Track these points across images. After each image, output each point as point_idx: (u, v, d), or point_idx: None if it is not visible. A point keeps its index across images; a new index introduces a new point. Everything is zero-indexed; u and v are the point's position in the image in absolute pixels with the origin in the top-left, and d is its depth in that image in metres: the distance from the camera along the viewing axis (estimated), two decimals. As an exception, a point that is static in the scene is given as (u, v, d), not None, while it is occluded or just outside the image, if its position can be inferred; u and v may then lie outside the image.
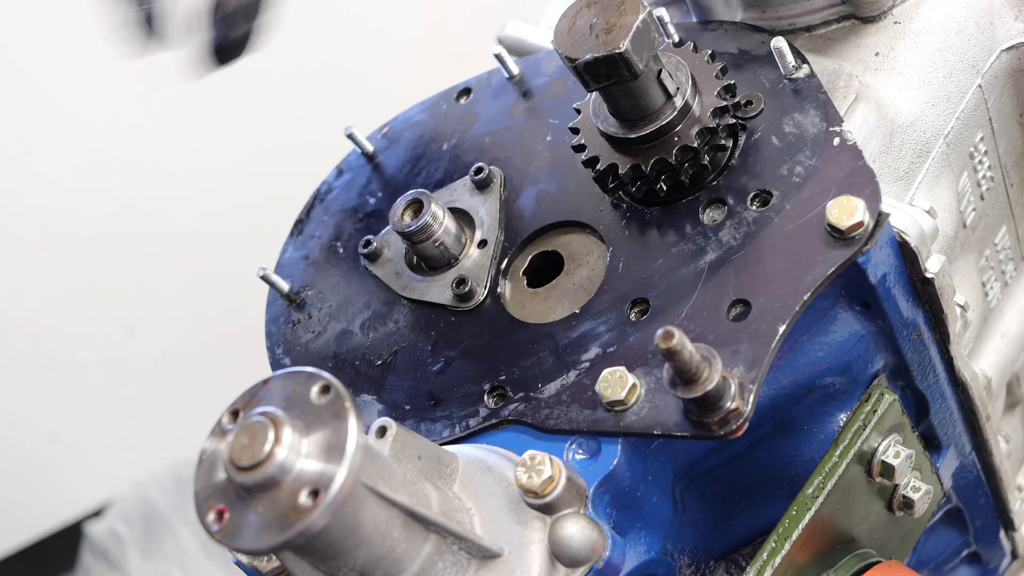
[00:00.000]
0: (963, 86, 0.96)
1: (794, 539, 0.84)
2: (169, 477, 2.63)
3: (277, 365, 1.00)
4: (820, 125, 0.86)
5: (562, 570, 0.75)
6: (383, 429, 0.74)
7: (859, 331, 0.88)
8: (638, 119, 0.87)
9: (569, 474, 0.75)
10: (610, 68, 0.82)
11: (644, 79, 0.84)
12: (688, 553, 0.90)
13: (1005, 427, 1.21)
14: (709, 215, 0.87)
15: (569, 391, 0.83)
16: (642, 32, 0.81)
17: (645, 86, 0.85)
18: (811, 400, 0.90)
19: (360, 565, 0.69)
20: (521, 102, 1.04)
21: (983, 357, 1.11)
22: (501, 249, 0.95)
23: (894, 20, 0.95)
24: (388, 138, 1.10)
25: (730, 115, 0.87)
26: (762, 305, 0.78)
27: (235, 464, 0.63)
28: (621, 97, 0.86)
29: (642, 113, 0.86)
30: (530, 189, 0.97)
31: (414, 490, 0.71)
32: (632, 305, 0.85)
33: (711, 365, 0.73)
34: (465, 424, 0.87)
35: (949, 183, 0.98)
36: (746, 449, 0.89)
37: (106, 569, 2.57)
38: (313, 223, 1.08)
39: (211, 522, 0.65)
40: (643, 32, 0.81)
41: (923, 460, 0.94)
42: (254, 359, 1.18)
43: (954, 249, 1.01)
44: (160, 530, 2.58)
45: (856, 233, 0.78)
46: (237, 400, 0.68)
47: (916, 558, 1.09)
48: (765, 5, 0.97)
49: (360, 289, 1.00)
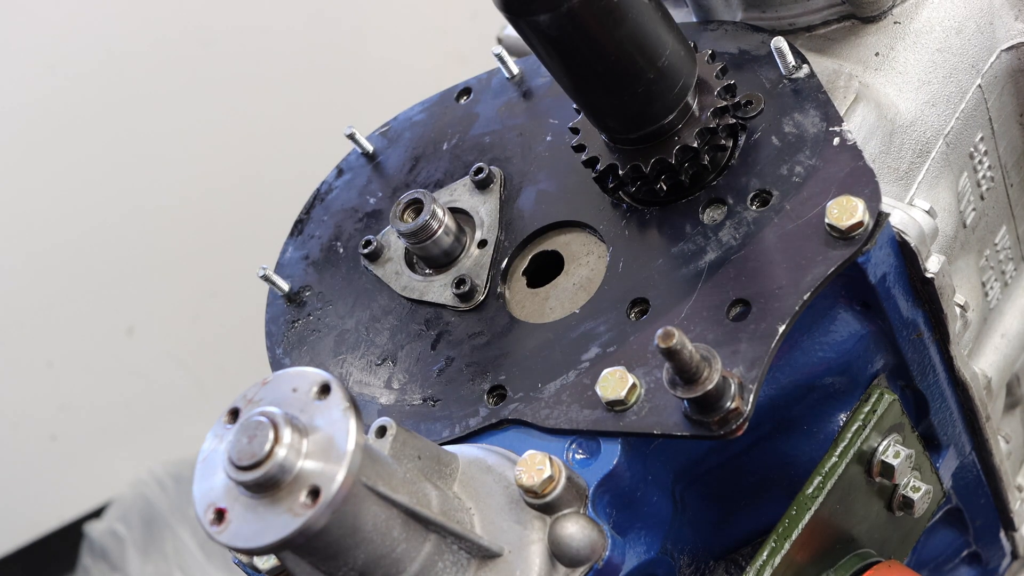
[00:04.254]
0: (963, 86, 0.96)
1: (794, 539, 0.84)
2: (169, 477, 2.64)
3: (277, 365, 1.00)
4: (820, 125, 0.86)
5: (562, 570, 0.75)
6: (383, 429, 0.74)
7: (859, 331, 0.88)
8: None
9: (569, 474, 0.75)
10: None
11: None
12: (688, 553, 0.90)
13: (1005, 427, 1.21)
14: (709, 215, 0.87)
15: (569, 391, 0.83)
16: None
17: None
18: (811, 400, 0.90)
19: (360, 565, 0.69)
20: (521, 102, 1.04)
21: (983, 357, 1.11)
22: (501, 249, 0.95)
23: (894, 20, 0.95)
24: (388, 138, 1.10)
25: (730, 115, 0.87)
26: (762, 305, 0.78)
27: (235, 464, 0.63)
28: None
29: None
30: (530, 189, 0.97)
31: (414, 490, 0.71)
32: (632, 305, 0.85)
33: (711, 365, 0.73)
34: (465, 424, 0.87)
35: (949, 183, 0.98)
36: (746, 449, 0.89)
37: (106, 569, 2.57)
38: (313, 223, 1.08)
39: (211, 522, 0.65)
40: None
41: (923, 460, 0.94)
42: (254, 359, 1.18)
43: (954, 249, 1.01)
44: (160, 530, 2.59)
45: (856, 233, 0.78)
46: (237, 400, 0.68)
47: (916, 558, 1.09)
48: (765, 5, 0.97)
49: (360, 289, 1.00)
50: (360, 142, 1.09)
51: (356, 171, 1.09)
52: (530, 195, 0.97)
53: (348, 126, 1.08)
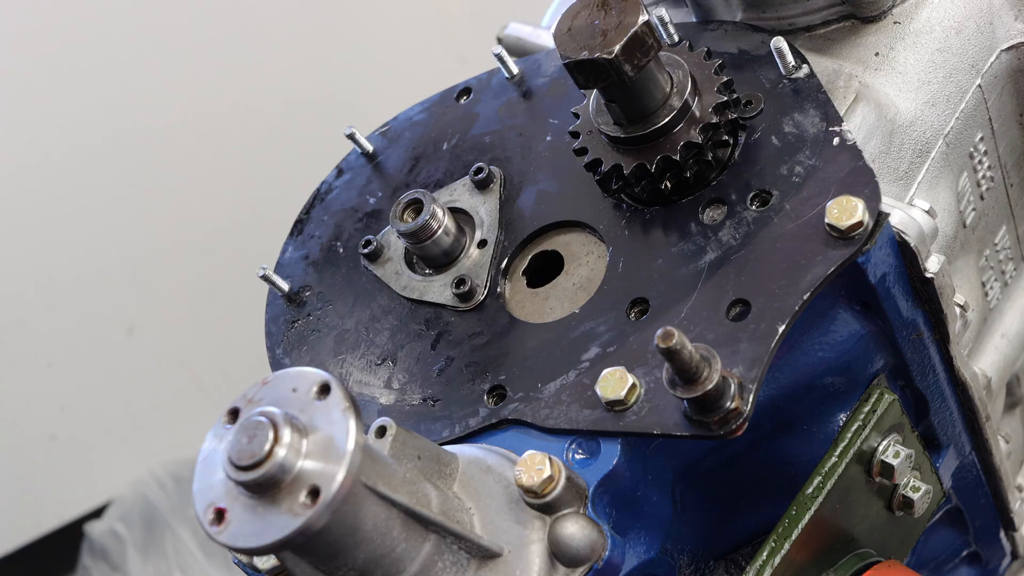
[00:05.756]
0: (963, 86, 0.96)
1: (794, 539, 0.84)
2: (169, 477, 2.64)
3: (277, 365, 1.00)
4: (820, 125, 0.86)
5: (562, 570, 0.75)
6: (383, 429, 0.74)
7: (859, 331, 0.88)
8: (638, 119, 0.87)
9: (569, 474, 0.75)
10: (600, 71, 0.82)
11: (641, 80, 0.84)
12: (688, 553, 0.90)
13: (1005, 427, 1.21)
14: (709, 215, 0.87)
15: (569, 391, 0.83)
16: (637, 38, 0.81)
17: (642, 87, 0.85)
18: (811, 400, 0.90)
19: (360, 565, 0.69)
20: (521, 102, 1.04)
21: (983, 357, 1.11)
22: (501, 249, 0.95)
23: (894, 20, 0.95)
24: (388, 138, 1.10)
25: (731, 111, 0.87)
26: (762, 305, 0.78)
27: (235, 464, 0.63)
28: (619, 96, 0.86)
29: (642, 112, 0.86)
30: (530, 189, 0.97)
31: (414, 490, 0.71)
32: (632, 305, 0.85)
33: (711, 365, 0.73)
34: (465, 424, 0.87)
35: (949, 183, 0.98)
36: (746, 449, 0.89)
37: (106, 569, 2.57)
38: (313, 223, 1.08)
39: (211, 522, 0.65)
40: (638, 38, 0.81)
41: (923, 460, 0.94)
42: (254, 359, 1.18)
43: (954, 249, 1.01)
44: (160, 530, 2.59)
45: (856, 233, 0.78)
46: (237, 400, 0.68)
47: (916, 558, 1.09)
48: (765, 5, 0.97)
49: (360, 289, 1.00)
50: (360, 142, 1.09)
51: (356, 171, 1.09)
52: (530, 195, 0.97)
53: (348, 126, 1.08)
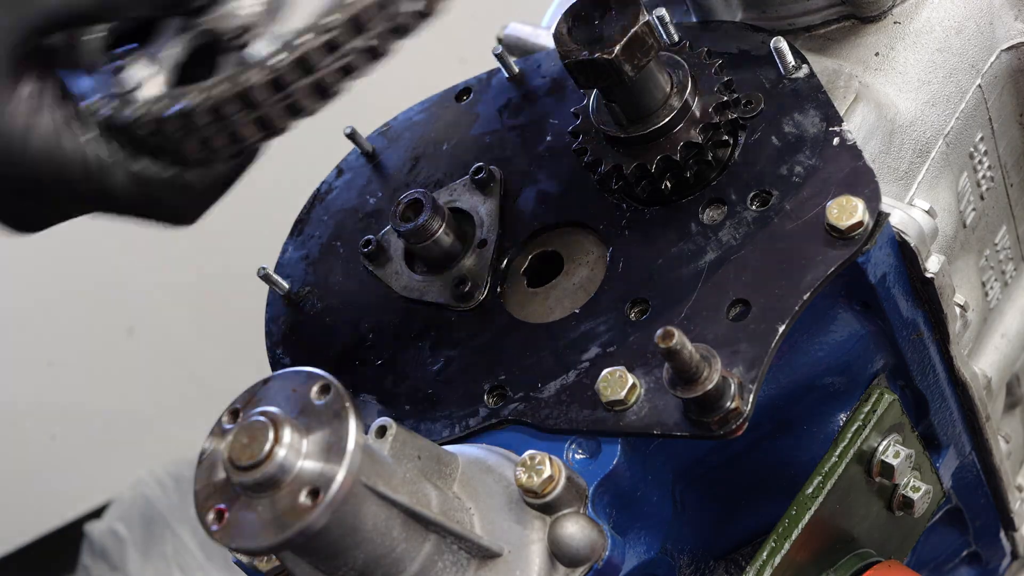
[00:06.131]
0: (963, 86, 0.96)
1: (794, 539, 0.84)
2: (169, 477, 2.64)
3: (277, 365, 1.00)
4: (820, 125, 0.86)
5: (562, 570, 0.75)
6: (383, 429, 0.74)
7: (859, 331, 0.88)
8: (638, 119, 0.87)
9: (569, 474, 0.75)
10: (600, 71, 0.82)
11: (641, 80, 0.84)
12: (688, 553, 0.90)
13: (1005, 427, 1.21)
14: (709, 215, 0.87)
15: (569, 391, 0.83)
16: (637, 38, 0.81)
17: (642, 87, 0.85)
18: (811, 400, 0.90)
19: (360, 565, 0.69)
20: (521, 102, 1.04)
21: (983, 357, 1.11)
22: (501, 249, 0.95)
23: (894, 20, 0.95)
24: (388, 138, 1.10)
25: (731, 111, 0.87)
26: (762, 305, 0.78)
27: (235, 464, 0.63)
28: (619, 96, 0.86)
29: (642, 112, 0.86)
30: (530, 189, 0.97)
31: (414, 490, 0.71)
32: (632, 305, 0.85)
33: (711, 365, 0.73)
34: (465, 424, 0.87)
35: (949, 183, 0.98)
36: (746, 449, 0.89)
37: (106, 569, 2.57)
38: (313, 223, 1.08)
39: (211, 522, 0.65)
40: (638, 38, 0.81)
41: (923, 460, 0.94)
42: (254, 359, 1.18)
43: (954, 249, 1.01)
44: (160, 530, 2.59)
45: (856, 233, 0.78)
46: (237, 400, 0.68)
47: (916, 558, 1.09)
48: (765, 5, 0.97)
49: (360, 289, 1.00)
50: (360, 142, 1.09)
51: (356, 171, 1.09)
52: (530, 195, 0.97)
53: (348, 126, 1.08)
